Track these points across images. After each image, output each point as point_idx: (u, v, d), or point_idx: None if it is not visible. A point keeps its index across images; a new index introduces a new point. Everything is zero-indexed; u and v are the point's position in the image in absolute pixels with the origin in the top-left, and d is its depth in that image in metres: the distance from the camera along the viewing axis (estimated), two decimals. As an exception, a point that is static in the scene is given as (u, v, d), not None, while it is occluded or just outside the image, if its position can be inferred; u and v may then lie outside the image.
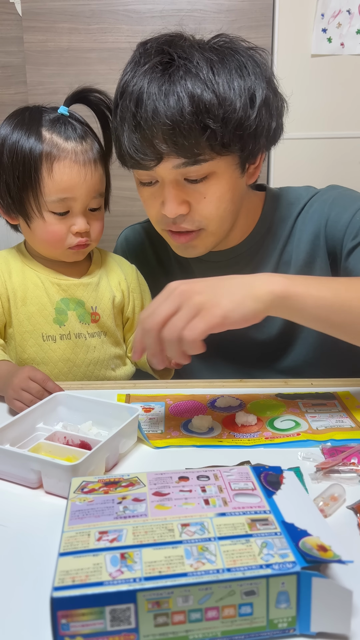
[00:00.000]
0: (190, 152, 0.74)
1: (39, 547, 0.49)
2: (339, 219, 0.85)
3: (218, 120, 0.72)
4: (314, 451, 0.64)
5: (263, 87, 0.77)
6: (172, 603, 0.37)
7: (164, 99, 0.72)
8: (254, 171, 0.85)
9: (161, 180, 0.79)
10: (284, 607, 0.38)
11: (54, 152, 0.81)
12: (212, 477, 0.50)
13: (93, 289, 0.91)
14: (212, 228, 0.82)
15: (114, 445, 0.61)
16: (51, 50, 2.01)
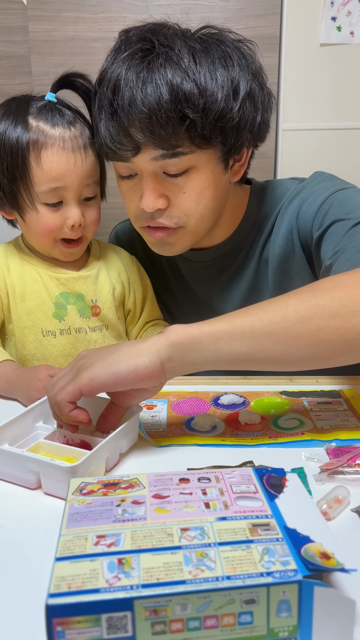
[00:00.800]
0: (168, 143, 0.71)
1: (37, 549, 0.49)
2: (308, 210, 0.81)
3: (198, 111, 0.70)
4: (318, 451, 0.62)
5: (248, 79, 0.74)
6: (170, 611, 0.36)
7: (141, 87, 0.69)
8: (239, 168, 0.82)
9: (140, 173, 0.76)
10: (285, 616, 0.37)
11: (40, 140, 0.78)
12: (214, 479, 0.49)
13: (92, 281, 0.89)
14: (191, 226, 0.79)
15: (114, 446, 0.60)
16: (56, 40, 1.99)
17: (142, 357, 0.58)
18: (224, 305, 0.94)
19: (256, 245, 0.89)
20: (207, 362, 0.60)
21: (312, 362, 0.60)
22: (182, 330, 0.59)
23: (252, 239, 0.90)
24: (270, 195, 0.89)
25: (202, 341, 0.59)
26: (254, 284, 0.91)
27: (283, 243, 0.85)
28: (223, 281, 0.93)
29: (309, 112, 2.01)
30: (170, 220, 0.78)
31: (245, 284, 0.91)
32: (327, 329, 0.57)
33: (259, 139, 0.82)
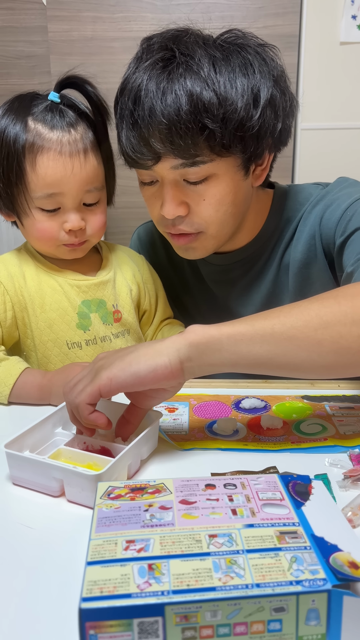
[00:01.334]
0: (187, 152, 0.71)
1: (64, 551, 0.49)
2: (331, 216, 0.81)
3: (217, 121, 0.70)
4: (341, 457, 0.63)
5: (269, 86, 0.73)
6: (200, 617, 0.37)
7: (161, 97, 0.70)
8: (261, 173, 0.82)
9: (161, 180, 0.77)
10: (313, 625, 0.38)
11: (37, 143, 0.75)
12: (240, 485, 0.49)
13: (112, 286, 0.88)
14: (212, 231, 0.80)
15: (136, 452, 0.60)
16: (75, 40, 2.00)
17: (161, 357, 0.58)
18: (243, 309, 0.94)
19: (277, 249, 0.89)
20: (226, 364, 0.60)
21: (333, 370, 0.60)
22: (201, 330, 0.59)
23: (273, 244, 0.90)
24: (293, 200, 0.89)
25: (221, 342, 0.58)
26: (274, 288, 0.91)
27: (305, 248, 0.85)
28: (243, 285, 0.93)
29: (328, 112, 2.00)
30: (190, 226, 0.79)
31: (265, 288, 0.92)
32: (349, 336, 0.57)
33: (281, 144, 0.82)
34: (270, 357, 0.58)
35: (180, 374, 0.59)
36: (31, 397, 0.77)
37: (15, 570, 0.47)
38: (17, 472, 0.58)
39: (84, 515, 0.53)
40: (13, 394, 0.76)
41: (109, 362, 0.60)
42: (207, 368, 0.60)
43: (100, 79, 2.19)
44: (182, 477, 0.51)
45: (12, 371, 0.77)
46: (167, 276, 1.02)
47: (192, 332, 0.59)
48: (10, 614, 0.43)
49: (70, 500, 0.56)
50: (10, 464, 0.58)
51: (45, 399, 0.76)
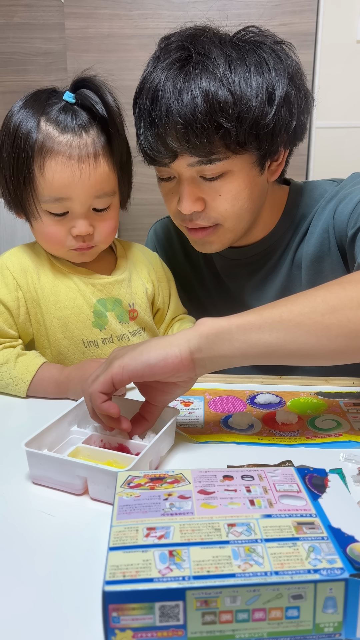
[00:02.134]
0: (203, 151, 0.73)
1: (85, 538, 0.51)
2: (344, 209, 0.82)
3: (232, 119, 0.71)
4: (356, 452, 0.63)
5: (284, 84, 0.74)
6: (220, 602, 0.38)
7: (177, 97, 0.71)
8: (277, 168, 0.83)
9: (178, 176, 0.79)
10: (330, 612, 0.38)
11: (46, 146, 0.74)
12: (257, 477, 0.50)
13: (127, 284, 0.87)
14: (228, 225, 0.81)
15: (156, 449, 0.60)
16: (92, 37, 2.01)
17: (172, 347, 0.59)
18: (258, 303, 0.95)
19: (292, 245, 0.90)
20: (236, 354, 0.60)
21: (343, 355, 0.60)
22: (211, 322, 0.60)
23: (288, 239, 0.91)
24: (308, 196, 0.90)
25: (231, 332, 0.59)
26: (287, 283, 0.92)
27: (318, 242, 0.86)
28: (257, 279, 0.94)
29: (343, 110, 1.99)
30: (207, 221, 0.81)
31: (279, 282, 0.92)
32: (357, 320, 0.57)
33: (296, 140, 0.83)
34: (280, 344, 0.59)
35: (191, 366, 0.60)
36: (48, 392, 0.78)
37: (38, 556, 0.49)
38: (38, 470, 0.58)
39: (105, 512, 0.54)
40: (31, 389, 0.77)
41: (121, 353, 0.61)
42: (218, 360, 0.61)
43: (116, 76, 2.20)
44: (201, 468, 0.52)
45: (29, 367, 0.78)
46: (183, 271, 1.03)
47: (202, 324, 0.60)
48: (34, 597, 0.44)
49: (94, 498, 0.56)
50: (31, 462, 0.58)
51: (63, 393, 0.77)
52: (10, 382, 0.77)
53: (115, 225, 0.83)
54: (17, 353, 0.79)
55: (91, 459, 0.59)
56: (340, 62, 1.96)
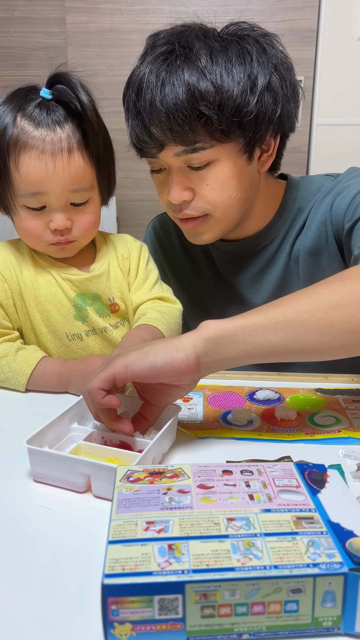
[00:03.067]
0: (187, 140, 0.75)
1: (85, 531, 0.51)
2: (341, 202, 0.83)
3: (214, 108, 0.73)
4: (355, 449, 0.63)
5: (267, 73, 0.76)
6: (219, 596, 0.38)
7: (160, 88, 0.73)
8: (267, 159, 0.84)
9: (167, 167, 0.81)
10: (329, 606, 0.39)
11: (21, 140, 0.75)
12: (256, 472, 0.50)
13: (106, 278, 0.86)
14: (218, 215, 0.82)
15: (159, 446, 0.60)
16: (93, 32, 2.00)
17: (179, 351, 0.58)
18: (255, 296, 0.96)
19: (288, 238, 0.91)
20: (242, 355, 0.60)
21: (346, 350, 0.60)
22: (216, 325, 0.60)
23: (284, 233, 0.91)
24: (305, 190, 0.91)
25: (236, 334, 0.59)
26: (285, 276, 0.92)
27: (315, 235, 0.87)
28: (255, 273, 0.95)
29: (344, 107, 1.99)
30: (196, 210, 0.82)
31: (277, 276, 0.93)
32: (359, 315, 0.58)
33: (284, 130, 0.84)
34: (285, 343, 0.59)
35: (197, 370, 0.60)
36: (49, 386, 0.78)
37: (38, 551, 0.49)
38: (40, 468, 0.57)
39: (104, 505, 0.54)
40: (31, 382, 0.77)
41: (124, 352, 0.61)
42: (224, 362, 0.61)
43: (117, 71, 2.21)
44: (201, 463, 0.52)
45: (29, 360, 0.78)
46: (182, 265, 1.03)
47: (206, 327, 0.60)
48: (34, 591, 0.44)
49: (97, 495, 0.56)
50: (33, 460, 0.57)
51: (64, 387, 0.77)
52: (10, 376, 0.77)
53: (95, 220, 0.83)
54: (17, 347, 0.79)
55: (93, 456, 0.59)
56: (341, 58, 1.95)
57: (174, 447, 0.65)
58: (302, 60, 1.94)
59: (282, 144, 0.88)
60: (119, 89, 0.87)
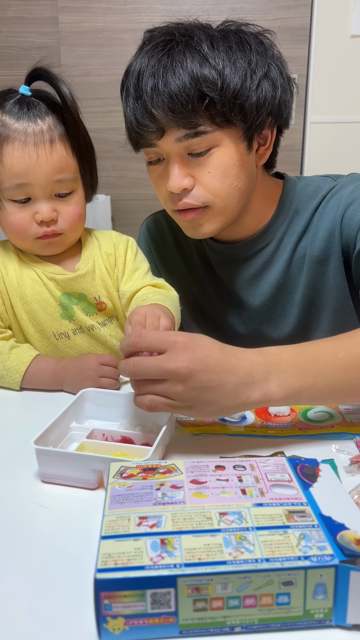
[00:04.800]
0: (189, 122, 0.75)
1: (78, 528, 0.51)
2: (354, 215, 0.82)
3: (216, 89, 0.74)
4: (348, 444, 0.64)
5: (265, 62, 0.78)
6: (211, 589, 0.38)
7: (162, 71, 0.74)
8: (265, 152, 0.85)
9: (166, 156, 0.80)
10: (321, 599, 0.39)
11: (2, 134, 0.76)
12: (249, 467, 0.50)
13: (91, 277, 0.86)
14: (218, 205, 0.82)
15: (164, 439, 0.60)
16: (86, 31, 2.00)
17: (243, 407, 0.60)
18: (253, 298, 0.95)
19: (287, 241, 0.90)
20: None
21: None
22: (275, 392, 0.60)
23: (281, 235, 0.91)
24: (302, 192, 0.90)
25: (299, 400, 0.62)
26: (285, 280, 0.92)
27: (323, 244, 0.86)
28: (251, 274, 0.94)
29: (338, 105, 1.99)
30: (197, 200, 0.81)
31: (275, 279, 0.92)
32: None
33: (280, 120, 0.85)
34: (337, 387, 0.62)
35: None
36: (44, 384, 0.78)
37: (32, 546, 0.49)
38: (49, 468, 0.57)
39: (98, 501, 0.55)
40: (25, 380, 0.77)
41: (190, 399, 0.58)
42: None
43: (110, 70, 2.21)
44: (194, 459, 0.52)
45: (23, 358, 0.78)
46: (176, 265, 1.03)
47: (267, 394, 0.60)
48: (27, 587, 0.44)
49: None
50: (41, 460, 0.57)
51: (58, 385, 0.78)
52: (5, 374, 0.77)
53: (81, 212, 0.83)
54: (10, 345, 0.80)
55: (97, 452, 0.59)
56: (335, 56, 1.96)
57: (168, 444, 0.65)
58: (295, 59, 1.94)
59: (277, 140, 0.89)
60: (112, 89, 0.87)
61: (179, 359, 0.56)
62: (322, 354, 0.62)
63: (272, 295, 0.93)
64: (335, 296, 0.88)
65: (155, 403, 0.58)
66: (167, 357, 0.57)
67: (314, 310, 0.91)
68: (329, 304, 0.89)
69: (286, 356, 0.61)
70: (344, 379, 0.61)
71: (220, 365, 0.58)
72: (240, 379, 0.58)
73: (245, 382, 0.58)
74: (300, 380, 0.60)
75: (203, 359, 0.57)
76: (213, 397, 0.58)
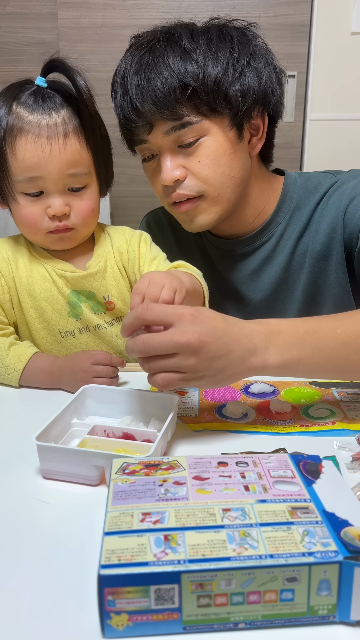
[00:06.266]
0: (174, 114, 0.78)
1: (81, 524, 0.51)
2: (356, 211, 0.83)
3: (197, 79, 0.77)
4: (349, 440, 0.64)
5: (248, 52, 0.80)
6: (215, 585, 0.38)
7: (145, 67, 0.78)
8: (257, 143, 0.87)
9: (157, 150, 0.83)
10: (325, 595, 0.39)
11: (17, 126, 0.75)
12: (251, 463, 0.50)
13: (101, 276, 0.85)
14: (212, 193, 0.83)
15: (166, 434, 0.60)
16: (85, 27, 1.99)
17: (247, 374, 0.62)
18: (253, 293, 0.95)
19: (288, 236, 0.90)
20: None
21: None
22: (276, 359, 0.62)
23: (282, 231, 0.91)
24: (302, 187, 0.91)
25: (297, 370, 0.64)
26: (285, 276, 0.92)
27: (325, 240, 0.87)
28: (252, 270, 0.94)
29: (337, 102, 1.99)
30: (190, 189, 0.83)
31: (275, 274, 0.92)
32: None
33: (270, 110, 0.86)
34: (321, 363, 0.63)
35: None
36: (41, 383, 0.78)
37: (35, 542, 0.49)
38: (51, 464, 0.57)
39: (101, 497, 0.54)
40: (23, 378, 0.77)
41: (200, 369, 0.59)
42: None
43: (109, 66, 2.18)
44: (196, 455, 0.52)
45: (22, 356, 0.78)
46: (174, 260, 1.03)
47: (269, 360, 0.62)
48: (30, 583, 0.44)
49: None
50: (43, 457, 0.57)
51: (55, 384, 0.77)
52: (3, 371, 0.77)
53: (94, 207, 0.82)
54: (10, 342, 0.79)
55: (99, 449, 0.58)
56: (335, 53, 1.95)
57: (170, 441, 0.65)
58: (295, 56, 1.93)
59: (272, 132, 0.90)
60: (107, 84, 0.87)
61: (189, 331, 0.57)
62: (322, 327, 0.63)
63: (272, 291, 0.93)
64: (336, 292, 0.88)
65: (167, 380, 0.59)
66: (178, 331, 0.58)
67: (314, 306, 0.91)
68: (329, 300, 0.89)
69: (286, 327, 0.63)
70: (341, 353, 0.62)
71: (227, 335, 0.60)
72: (244, 346, 0.60)
73: (248, 349, 0.61)
74: (299, 350, 0.61)
75: (211, 330, 0.59)
76: (222, 366, 0.59)
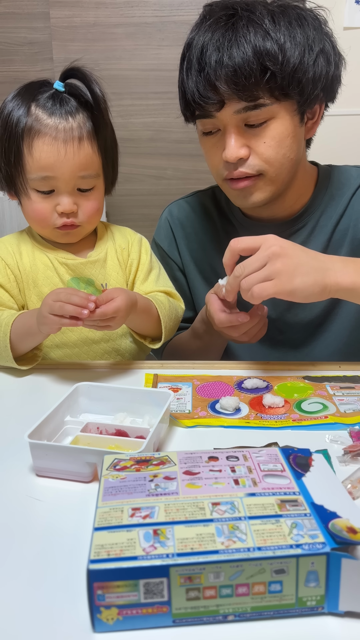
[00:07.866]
0: (250, 95, 0.78)
1: (72, 520, 0.51)
2: None
3: (277, 64, 0.78)
4: (341, 434, 0.64)
5: (321, 38, 0.81)
6: (203, 578, 0.38)
7: (227, 45, 0.78)
8: (312, 126, 0.89)
9: (223, 127, 0.84)
10: (313, 586, 0.39)
11: (35, 127, 0.79)
12: (242, 457, 0.50)
13: (101, 265, 0.90)
14: (271, 174, 0.85)
15: (158, 431, 0.61)
16: (77, 26, 1.99)
17: (323, 293, 0.72)
18: None
19: (323, 223, 0.94)
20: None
21: None
22: (354, 278, 0.72)
23: (317, 217, 0.94)
24: (336, 179, 0.95)
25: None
26: None
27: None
28: None
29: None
30: (252, 168, 0.84)
31: None
32: None
33: (330, 95, 0.88)
34: None
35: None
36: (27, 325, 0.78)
37: (26, 538, 0.49)
38: (43, 462, 0.57)
39: (92, 493, 0.55)
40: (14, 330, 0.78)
41: (288, 270, 0.70)
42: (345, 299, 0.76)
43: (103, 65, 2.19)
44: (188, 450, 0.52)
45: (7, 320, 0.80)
46: (202, 249, 1.03)
47: (345, 276, 0.72)
48: (23, 579, 0.44)
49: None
50: (36, 454, 0.57)
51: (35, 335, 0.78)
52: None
53: (99, 207, 0.87)
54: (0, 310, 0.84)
55: (93, 446, 0.58)
56: (328, 49, 1.95)
57: (163, 437, 0.65)
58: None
59: (322, 115, 0.92)
60: (104, 84, 0.87)
61: (274, 243, 0.71)
62: None
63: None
64: None
65: (262, 288, 0.70)
66: (264, 247, 0.71)
67: None
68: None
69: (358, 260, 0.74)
70: None
71: (305, 249, 0.73)
72: (322, 262, 0.72)
73: (326, 267, 0.72)
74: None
75: (291, 244, 0.72)
76: (306, 270, 0.70)
